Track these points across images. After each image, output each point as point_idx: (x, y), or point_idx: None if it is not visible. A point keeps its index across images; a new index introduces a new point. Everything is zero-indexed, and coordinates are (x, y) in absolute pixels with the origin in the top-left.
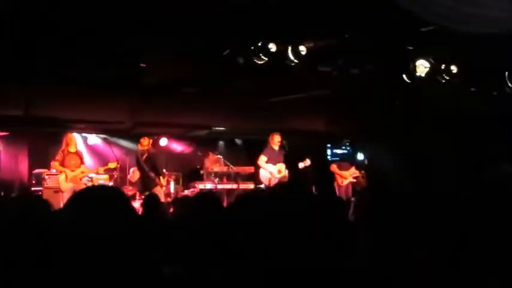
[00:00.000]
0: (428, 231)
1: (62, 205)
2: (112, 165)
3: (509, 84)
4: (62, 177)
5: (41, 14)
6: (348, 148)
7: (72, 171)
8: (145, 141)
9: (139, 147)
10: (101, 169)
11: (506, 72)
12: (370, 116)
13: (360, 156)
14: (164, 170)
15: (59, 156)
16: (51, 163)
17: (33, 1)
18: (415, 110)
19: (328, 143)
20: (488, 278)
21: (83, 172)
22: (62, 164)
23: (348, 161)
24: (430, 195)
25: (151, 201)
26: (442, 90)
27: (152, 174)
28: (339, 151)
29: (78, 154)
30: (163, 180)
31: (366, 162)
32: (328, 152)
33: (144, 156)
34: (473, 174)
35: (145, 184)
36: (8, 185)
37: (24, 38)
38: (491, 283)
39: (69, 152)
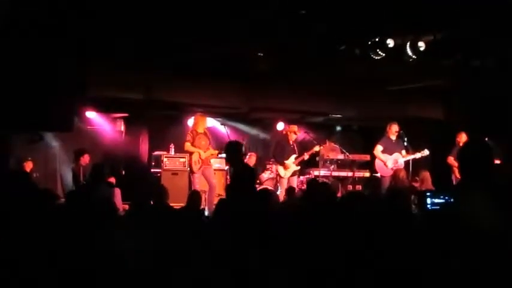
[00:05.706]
0: None
1: (180, 187)
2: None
3: None
4: (195, 157)
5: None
6: (447, 198)
7: (204, 152)
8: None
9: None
10: None
11: None
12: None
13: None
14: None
15: (189, 137)
16: (185, 144)
17: None
18: None
19: (429, 192)
20: None
21: (212, 154)
22: (193, 145)
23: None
24: None
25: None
26: None
27: None
28: (438, 200)
29: (206, 135)
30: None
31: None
32: (428, 200)
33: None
34: None
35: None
36: (129, 165)
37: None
38: None
39: (198, 133)
